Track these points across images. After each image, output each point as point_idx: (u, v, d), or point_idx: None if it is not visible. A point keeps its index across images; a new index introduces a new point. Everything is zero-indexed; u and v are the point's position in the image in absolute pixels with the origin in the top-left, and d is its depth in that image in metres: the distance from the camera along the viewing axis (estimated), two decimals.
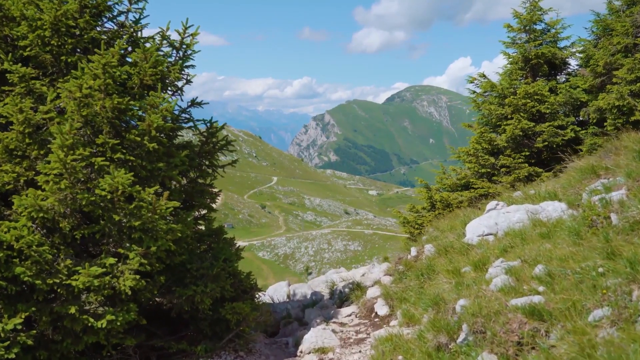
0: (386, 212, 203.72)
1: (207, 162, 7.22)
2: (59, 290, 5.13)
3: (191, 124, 6.86)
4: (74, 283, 5.05)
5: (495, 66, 20.32)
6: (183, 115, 6.83)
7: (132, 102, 5.65)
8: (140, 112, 5.89)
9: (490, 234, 6.43)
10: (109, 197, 5.18)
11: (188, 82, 6.98)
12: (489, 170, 14.55)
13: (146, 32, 8.06)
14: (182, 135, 7.54)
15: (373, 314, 6.85)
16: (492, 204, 6.81)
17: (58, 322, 5.28)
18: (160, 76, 6.03)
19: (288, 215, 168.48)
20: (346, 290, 8.01)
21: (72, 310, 5.10)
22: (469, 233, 6.57)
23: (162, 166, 5.72)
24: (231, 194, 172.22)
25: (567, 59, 15.99)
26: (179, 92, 6.94)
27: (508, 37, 15.92)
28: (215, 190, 7.60)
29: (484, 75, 16.04)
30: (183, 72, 6.62)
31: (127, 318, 5.34)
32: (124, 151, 5.50)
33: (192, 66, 6.67)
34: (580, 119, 14.71)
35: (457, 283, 5.06)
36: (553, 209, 6.21)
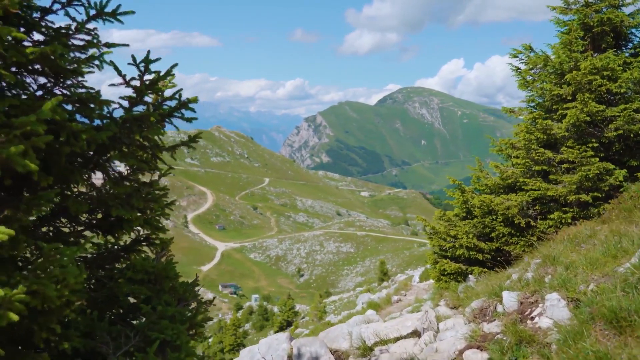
0: (378, 214, 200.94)
1: (140, 140, 3.73)
2: None
3: (96, 51, 3.28)
4: None
5: (487, 67, 16.81)
6: (82, 37, 3.29)
7: None
8: None
9: None
10: None
11: None
12: (544, 167, 11.19)
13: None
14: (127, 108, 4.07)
15: None
16: None
17: None
18: None
19: (280, 217, 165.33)
20: None
21: None
22: None
23: None
24: (222, 195, 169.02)
25: (633, 29, 12.73)
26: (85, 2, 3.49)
27: (562, 0, 12.65)
28: (161, 192, 4.15)
29: (530, 48, 12.70)
30: None
31: None
32: None
33: None
34: None
35: None
36: None
